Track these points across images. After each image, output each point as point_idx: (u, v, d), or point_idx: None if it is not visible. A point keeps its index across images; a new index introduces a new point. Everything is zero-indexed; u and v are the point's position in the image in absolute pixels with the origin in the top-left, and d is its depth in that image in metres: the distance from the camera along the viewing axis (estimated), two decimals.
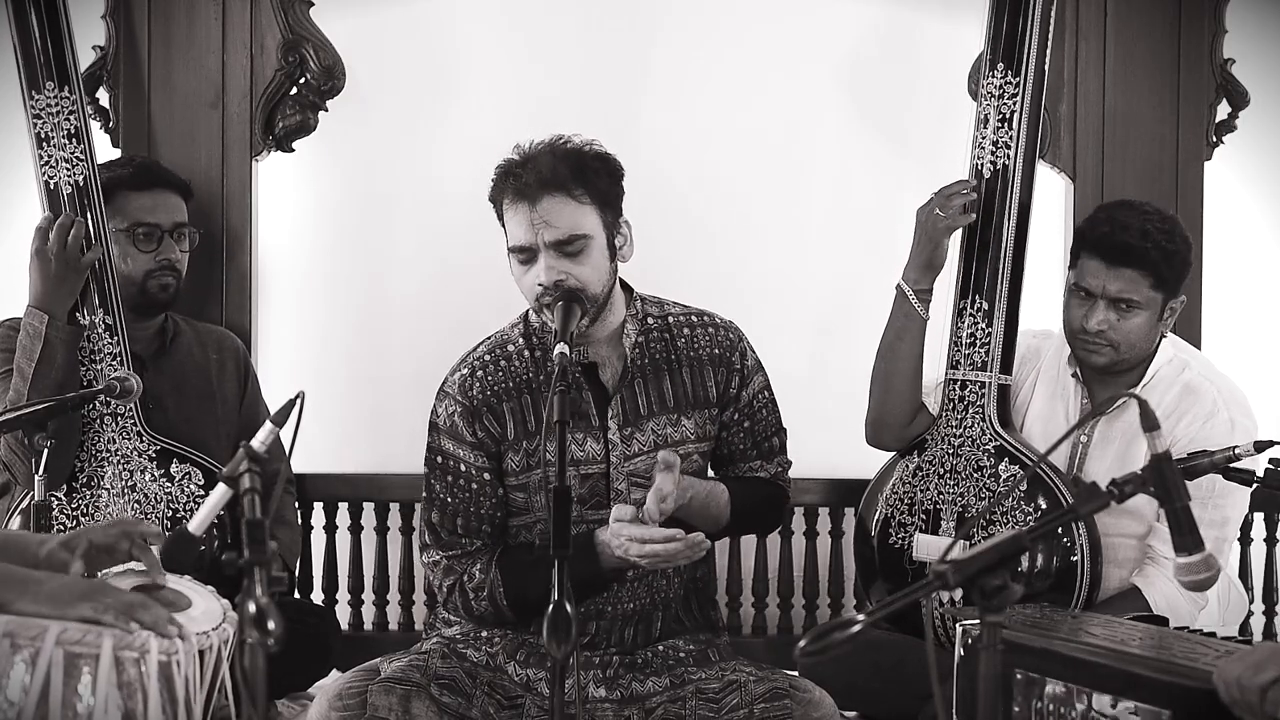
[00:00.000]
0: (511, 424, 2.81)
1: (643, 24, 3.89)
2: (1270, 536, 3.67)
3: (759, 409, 2.94)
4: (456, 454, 2.82)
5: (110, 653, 2.02)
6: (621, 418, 2.81)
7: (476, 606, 2.80)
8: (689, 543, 2.62)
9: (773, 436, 2.97)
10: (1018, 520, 3.01)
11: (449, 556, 2.82)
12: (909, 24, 3.87)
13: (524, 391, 2.82)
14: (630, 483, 2.81)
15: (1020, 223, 3.15)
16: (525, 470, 2.81)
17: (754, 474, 2.96)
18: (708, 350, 2.89)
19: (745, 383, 2.91)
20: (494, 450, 2.82)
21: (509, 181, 2.74)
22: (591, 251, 2.73)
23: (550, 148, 2.75)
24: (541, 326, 2.84)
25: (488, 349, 2.88)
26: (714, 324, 2.93)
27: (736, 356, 2.91)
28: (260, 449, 2.09)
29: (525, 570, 2.76)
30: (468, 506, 2.81)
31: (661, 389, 2.85)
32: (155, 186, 3.38)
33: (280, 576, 1.83)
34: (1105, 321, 3.01)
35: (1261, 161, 3.87)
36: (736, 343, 2.93)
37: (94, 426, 3.23)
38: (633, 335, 2.84)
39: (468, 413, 2.81)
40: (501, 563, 2.79)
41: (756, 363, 2.95)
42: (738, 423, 2.92)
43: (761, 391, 2.94)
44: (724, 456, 2.95)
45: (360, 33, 3.80)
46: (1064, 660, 2.22)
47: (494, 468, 2.82)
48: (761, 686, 2.71)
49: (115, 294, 3.27)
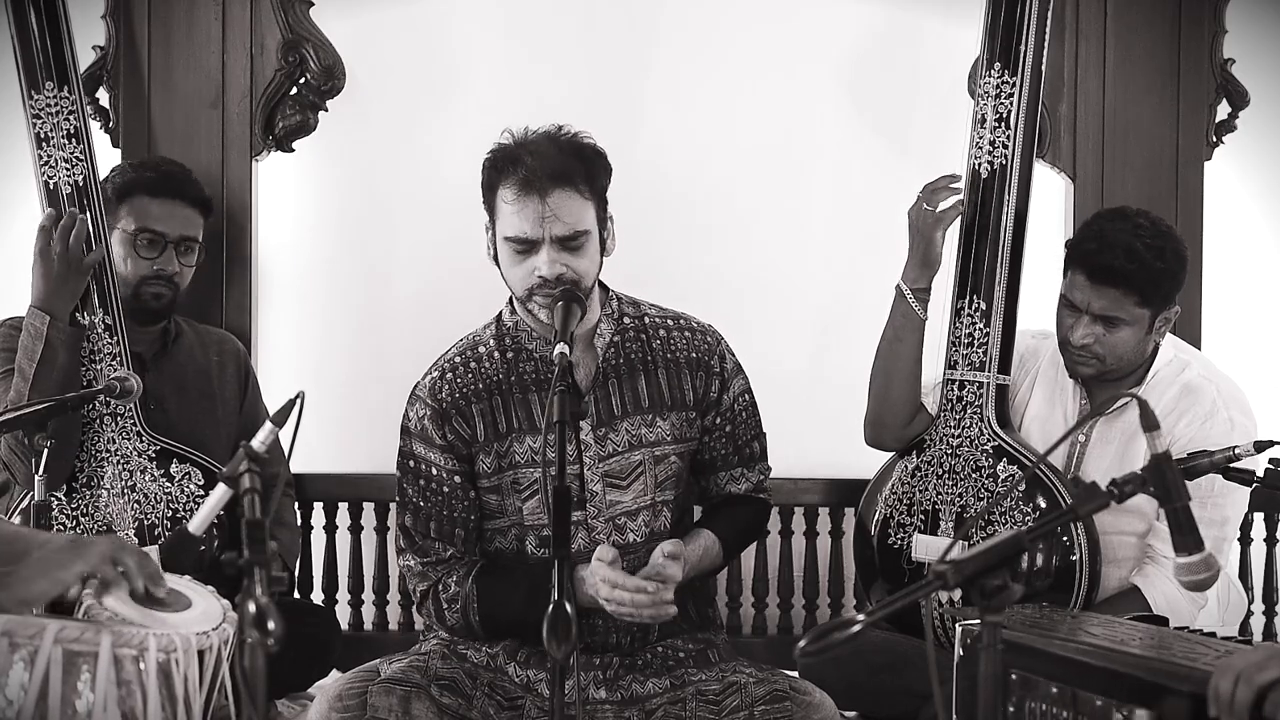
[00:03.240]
0: (481, 425, 2.80)
1: (643, 24, 3.89)
2: (1270, 536, 3.67)
3: (740, 412, 2.92)
4: (427, 457, 2.81)
5: (109, 651, 2.02)
6: (595, 418, 2.79)
7: (449, 617, 2.79)
8: (656, 600, 2.61)
9: (754, 441, 2.96)
10: (1017, 520, 3.01)
11: (424, 563, 2.82)
12: (909, 24, 3.87)
13: (494, 393, 2.81)
14: (605, 483, 2.80)
15: (1018, 222, 3.15)
16: (497, 472, 2.80)
17: (735, 484, 2.94)
18: (685, 353, 2.87)
19: (725, 386, 2.90)
20: (465, 453, 2.80)
21: (512, 170, 2.69)
22: (589, 245, 2.73)
23: (552, 139, 2.72)
24: (515, 326, 2.82)
25: (458, 351, 2.87)
26: (691, 327, 2.91)
27: (715, 360, 2.89)
28: (260, 449, 2.09)
29: (503, 592, 2.75)
30: (440, 510, 2.80)
31: (636, 389, 2.83)
32: (172, 197, 3.34)
33: (280, 576, 1.83)
34: (1090, 335, 3.01)
35: (1261, 161, 3.87)
36: (715, 345, 2.91)
37: (94, 426, 3.23)
38: (607, 335, 2.83)
39: (437, 415, 2.80)
40: (480, 580, 2.78)
41: (736, 366, 2.93)
42: (719, 427, 2.90)
43: (742, 395, 2.93)
44: (705, 464, 2.93)
45: (360, 33, 3.80)
46: (1061, 661, 2.22)
47: (465, 470, 2.81)
48: (762, 688, 2.71)
49: (115, 294, 3.27)
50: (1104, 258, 2.96)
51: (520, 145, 2.71)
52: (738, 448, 2.93)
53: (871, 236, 3.84)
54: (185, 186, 3.39)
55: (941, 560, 1.83)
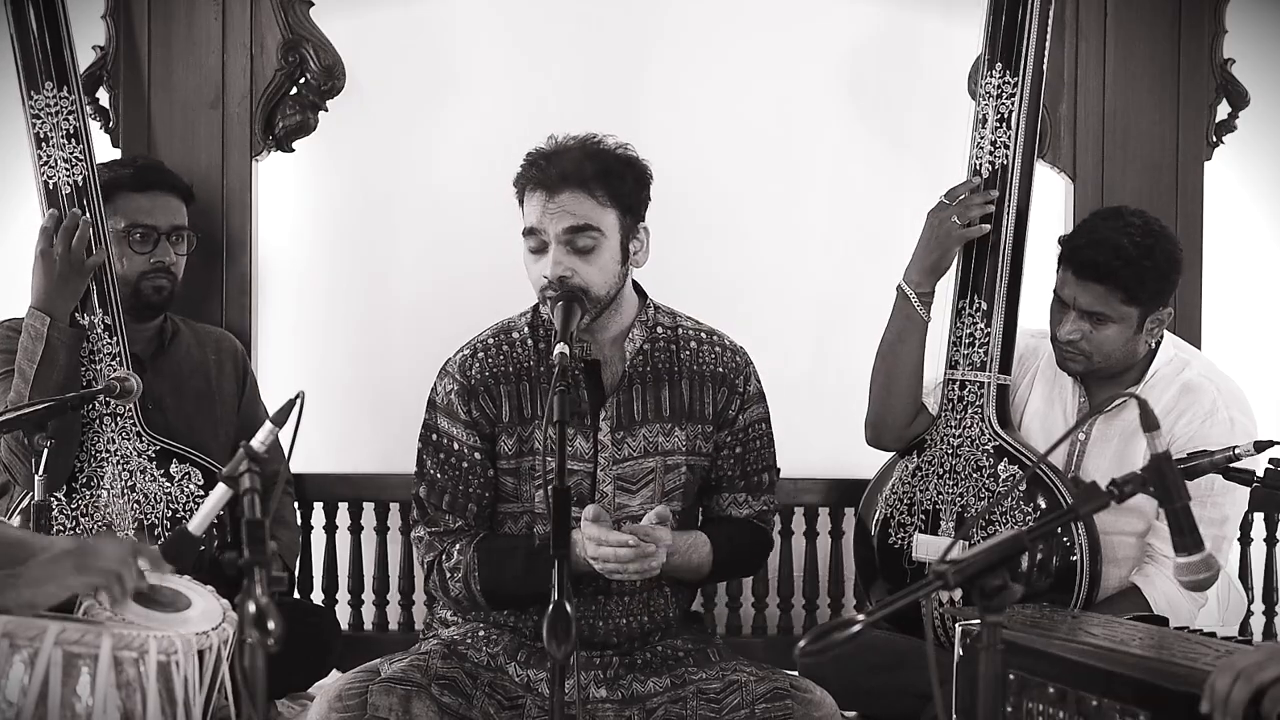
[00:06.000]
0: (507, 407, 2.83)
1: (642, 25, 3.89)
2: (1270, 536, 3.67)
3: (753, 439, 2.92)
4: (450, 431, 2.83)
5: (109, 653, 2.02)
6: (615, 420, 2.81)
7: (452, 587, 2.81)
8: (639, 554, 2.62)
9: (763, 472, 2.95)
10: (1017, 520, 3.01)
11: (431, 533, 2.84)
12: (909, 24, 3.87)
13: (523, 378, 2.84)
14: (616, 486, 2.81)
15: (1019, 222, 3.15)
16: (517, 455, 2.82)
17: (737, 509, 2.93)
18: (712, 367, 2.89)
19: (744, 408, 2.90)
20: (488, 431, 2.83)
21: (533, 170, 2.77)
22: (601, 252, 2.74)
23: (581, 145, 2.78)
24: (550, 319, 2.85)
25: (493, 333, 2.91)
26: (723, 344, 2.93)
27: (741, 380, 2.91)
28: (260, 449, 2.09)
29: (502, 558, 2.77)
30: (455, 484, 2.82)
31: (659, 397, 2.85)
32: (155, 188, 3.37)
33: (280, 576, 1.84)
34: (1076, 331, 3.01)
35: (1261, 161, 3.87)
36: (743, 366, 2.92)
37: (94, 427, 3.23)
38: (638, 341, 2.85)
39: (464, 391, 2.83)
40: (480, 548, 2.79)
41: (759, 393, 2.94)
42: (729, 446, 2.90)
43: (759, 422, 2.93)
44: (711, 485, 2.93)
45: (360, 33, 3.80)
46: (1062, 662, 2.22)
47: (486, 449, 2.83)
48: (763, 686, 2.72)
49: (114, 294, 3.26)
50: (1090, 253, 2.97)
51: (550, 149, 2.78)
52: (745, 473, 2.92)
53: (872, 236, 3.84)
54: (166, 177, 3.42)
55: (942, 560, 1.83)
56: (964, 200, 3.12)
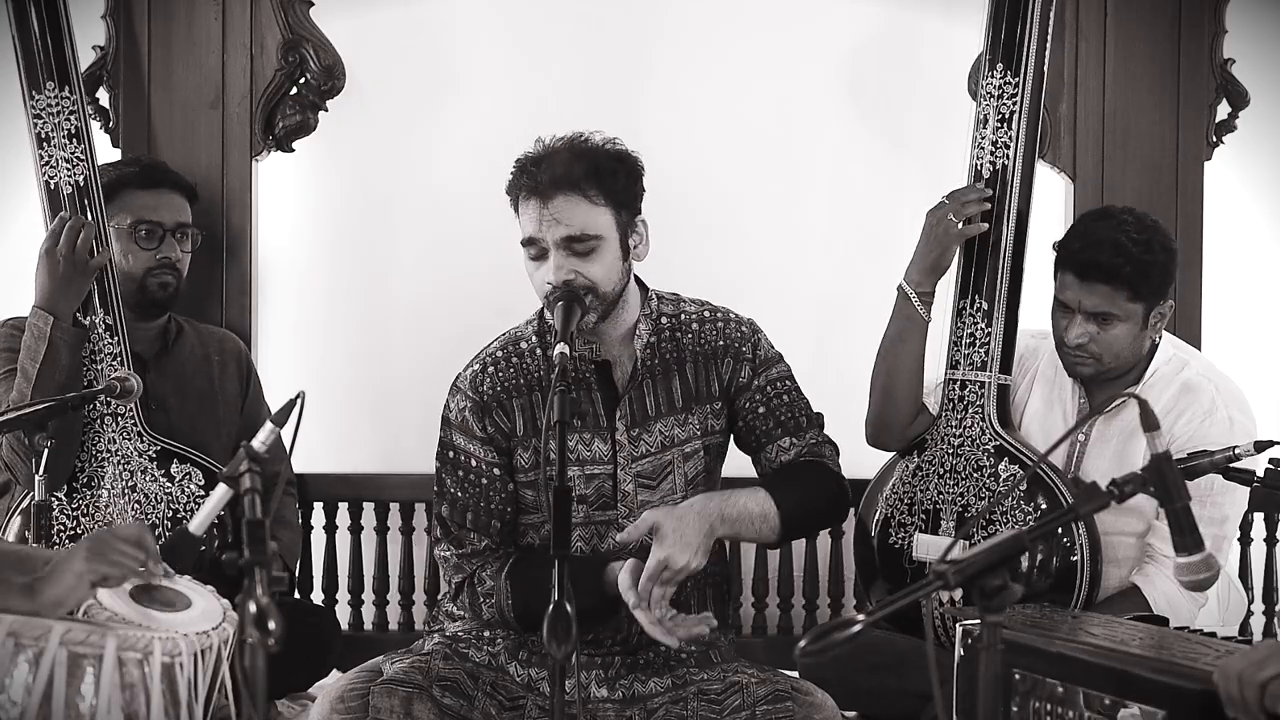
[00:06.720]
0: (521, 420, 2.81)
1: (643, 24, 3.89)
2: (1270, 536, 3.67)
3: (779, 394, 2.86)
4: (467, 449, 2.82)
5: (113, 653, 2.02)
6: (629, 419, 2.81)
7: (486, 610, 2.80)
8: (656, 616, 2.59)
9: (800, 415, 2.88)
10: (1018, 520, 3.01)
11: (459, 554, 2.82)
12: (909, 24, 3.87)
13: (534, 389, 2.82)
14: (637, 483, 2.81)
15: (1020, 223, 3.15)
16: (535, 468, 2.81)
17: (784, 454, 2.85)
18: (714, 342, 2.86)
19: (759, 371, 2.86)
20: (504, 446, 2.82)
21: (524, 177, 2.74)
22: (603, 251, 2.73)
23: (569, 145, 2.74)
24: (553, 325, 2.84)
25: (500, 345, 2.88)
26: (726, 318, 2.90)
27: (748, 347, 2.87)
28: (261, 449, 2.09)
29: (534, 586, 2.72)
30: (477, 502, 2.81)
31: (670, 388, 2.84)
32: (160, 186, 3.38)
33: (280, 576, 1.84)
34: (1085, 334, 3.01)
35: (1261, 161, 3.88)
36: (749, 335, 2.89)
37: (94, 427, 3.24)
38: (645, 336, 2.84)
39: (478, 408, 2.81)
40: (512, 575, 2.77)
41: (775, 356, 2.90)
42: (751, 408, 2.85)
43: (780, 380, 2.88)
44: (751, 444, 2.88)
45: (360, 33, 3.80)
46: (1062, 661, 2.22)
47: (504, 463, 2.82)
48: (764, 688, 2.71)
49: (116, 294, 3.27)
50: (1091, 254, 2.96)
51: (539, 153, 2.75)
52: (779, 420, 2.85)
53: (872, 236, 3.84)
54: (171, 175, 3.44)
55: (942, 560, 1.83)
56: (959, 196, 3.12)
